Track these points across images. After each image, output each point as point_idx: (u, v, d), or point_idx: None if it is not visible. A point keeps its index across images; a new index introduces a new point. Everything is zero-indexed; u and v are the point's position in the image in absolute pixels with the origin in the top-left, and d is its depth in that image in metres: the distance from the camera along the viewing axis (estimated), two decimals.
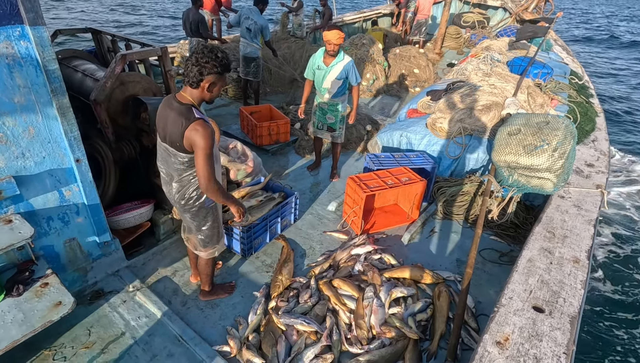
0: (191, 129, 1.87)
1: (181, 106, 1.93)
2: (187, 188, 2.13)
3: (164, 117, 2.00)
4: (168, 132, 1.97)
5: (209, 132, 1.89)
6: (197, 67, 1.86)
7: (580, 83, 5.90)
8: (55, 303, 2.04)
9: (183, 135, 1.89)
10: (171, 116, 1.94)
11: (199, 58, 1.85)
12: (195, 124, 1.87)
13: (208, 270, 2.58)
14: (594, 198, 3.23)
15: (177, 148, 1.98)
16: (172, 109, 1.95)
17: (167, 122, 1.97)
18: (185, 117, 1.89)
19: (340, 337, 2.41)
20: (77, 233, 2.53)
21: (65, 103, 2.11)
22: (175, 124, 1.91)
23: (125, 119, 3.30)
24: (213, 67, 1.88)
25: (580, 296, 2.19)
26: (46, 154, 2.17)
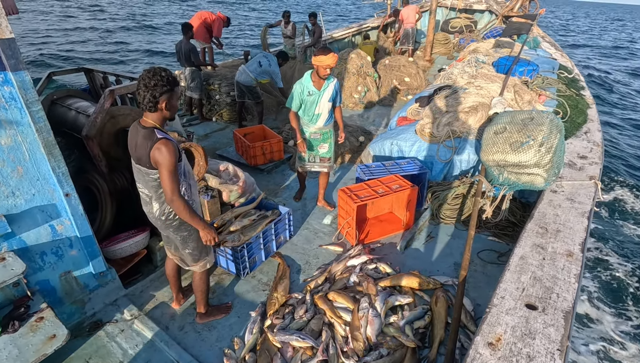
0: (155, 149, 1.99)
1: (145, 130, 2.06)
2: (165, 204, 2.21)
3: (133, 142, 2.14)
4: (137, 154, 2.11)
5: (171, 149, 2.00)
6: (149, 91, 1.96)
7: (570, 77, 5.91)
8: (49, 337, 2.08)
9: (149, 156, 2.03)
10: (139, 140, 2.08)
11: (147, 83, 1.96)
12: (158, 144, 1.99)
13: (203, 285, 2.59)
14: (588, 190, 3.20)
15: (147, 168, 2.10)
16: (138, 133, 2.09)
17: (136, 146, 2.11)
18: (149, 139, 2.02)
19: (336, 351, 2.39)
20: (72, 266, 2.58)
21: (50, 141, 2.20)
22: (143, 147, 2.05)
23: (118, 151, 3.40)
24: (162, 86, 1.98)
25: (574, 290, 2.14)
26: (36, 191, 2.25)
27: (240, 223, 3.25)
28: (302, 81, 3.54)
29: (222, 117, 6.96)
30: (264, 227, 3.25)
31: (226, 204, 3.70)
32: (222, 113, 6.97)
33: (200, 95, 6.81)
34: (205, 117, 7.09)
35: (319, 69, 3.40)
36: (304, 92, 3.53)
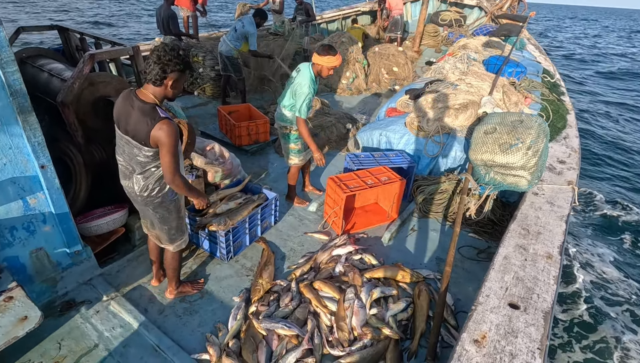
0: (157, 128, 1.93)
1: (145, 105, 1.97)
2: (150, 179, 2.15)
3: (124, 113, 2.02)
4: (131, 128, 2.00)
5: (173, 131, 1.97)
6: (160, 65, 1.90)
7: (552, 81, 6.09)
8: (20, 318, 1.94)
9: (149, 134, 1.95)
10: (134, 114, 1.98)
11: (160, 56, 1.90)
12: (161, 124, 1.94)
13: (175, 263, 2.58)
14: (566, 194, 3.34)
15: (142, 144, 2.01)
16: (134, 107, 1.98)
17: (129, 119, 2.00)
18: (150, 117, 1.95)
19: (321, 340, 2.40)
20: (45, 243, 2.41)
21: (26, 107, 2.00)
22: (140, 123, 1.95)
23: (96, 121, 3.17)
24: (176, 64, 1.93)
25: (553, 292, 2.25)
26: (7, 161, 2.05)
27: (226, 206, 3.15)
28: (310, 82, 3.19)
29: (205, 92, 6.67)
30: (251, 212, 3.17)
31: (211, 185, 3.58)
32: (204, 87, 6.67)
33: None
34: (186, 90, 6.77)
35: (322, 69, 3.17)
36: (313, 90, 3.25)
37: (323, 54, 3.11)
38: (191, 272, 2.99)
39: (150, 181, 2.15)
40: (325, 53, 3.10)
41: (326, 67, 3.16)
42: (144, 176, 2.14)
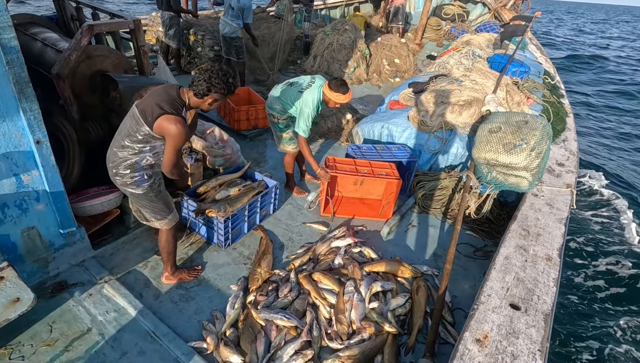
0: (172, 121, 2.03)
1: (177, 98, 2.11)
2: (127, 158, 2.19)
3: (156, 92, 2.14)
4: (149, 103, 2.08)
5: (185, 133, 2.09)
6: (208, 83, 2.07)
7: (553, 83, 6.11)
8: (12, 300, 1.86)
9: (160, 118, 2.04)
10: (162, 94, 2.10)
11: (212, 77, 2.07)
12: (177, 119, 2.05)
13: (168, 246, 2.53)
14: (565, 197, 3.37)
15: (145, 120, 2.07)
16: (167, 91, 2.12)
17: (153, 96, 2.11)
18: (173, 108, 2.08)
19: (320, 332, 2.39)
20: (37, 222, 2.31)
21: (23, 77, 1.88)
22: (160, 104, 2.05)
23: (92, 97, 3.04)
24: (221, 88, 2.11)
25: (553, 294, 2.27)
26: (1, 135, 1.93)
27: (226, 192, 3.08)
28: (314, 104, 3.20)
29: None
30: (251, 199, 3.10)
31: (209, 169, 3.49)
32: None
33: (178, 44, 6.25)
34: (183, 69, 6.56)
35: (330, 101, 3.21)
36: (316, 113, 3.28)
37: (334, 90, 3.14)
38: (187, 258, 2.92)
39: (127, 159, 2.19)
40: (336, 90, 3.13)
41: (333, 101, 3.19)
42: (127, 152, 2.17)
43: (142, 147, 2.16)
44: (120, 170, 2.22)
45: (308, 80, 3.34)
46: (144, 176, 2.25)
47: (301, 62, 7.86)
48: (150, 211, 2.38)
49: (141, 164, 2.22)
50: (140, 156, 2.20)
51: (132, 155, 2.19)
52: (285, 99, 3.31)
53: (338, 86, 3.13)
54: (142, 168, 2.24)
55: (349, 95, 3.19)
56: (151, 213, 2.38)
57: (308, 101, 3.19)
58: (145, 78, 3.08)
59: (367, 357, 2.30)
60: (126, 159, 2.19)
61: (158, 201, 2.35)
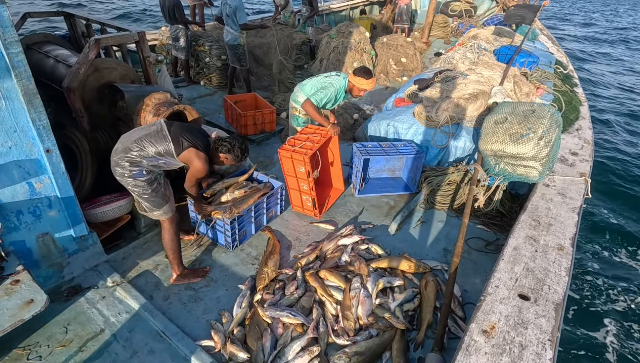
0: (200, 157, 2.50)
1: (209, 143, 2.65)
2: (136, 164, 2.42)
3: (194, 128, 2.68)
4: (186, 132, 2.51)
5: (206, 168, 2.57)
6: (224, 146, 2.63)
7: (565, 72, 5.95)
8: (26, 301, 1.95)
9: (190, 149, 2.47)
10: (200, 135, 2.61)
11: (232, 143, 2.65)
12: (203, 156, 2.52)
13: (171, 244, 2.64)
14: (578, 186, 3.26)
15: (175, 143, 2.43)
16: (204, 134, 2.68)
17: (192, 130, 2.59)
18: (203, 144, 2.57)
19: (327, 329, 2.38)
20: (51, 227, 2.41)
21: (31, 89, 1.98)
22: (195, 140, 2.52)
23: (101, 108, 3.16)
24: (233, 154, 2.66)
25: (564, 284, 2.20)
26: (12, 144, 2.04)
27: (232, 194, 3.13)
28: (337, 89, 3.34)
29: (211, 82, 6.63)
30: (256, 200, 3.14)
31: (215, 174, 3.55)
32: (211, 77, 6.63)
33: (187, 56, 6.42)
34: (192, 80, 6.73)
35: (354, 88, 3.28)
36: (334, 100, 3.40)
37: (357, 75, 3.22)
38: (196, 259, 2.98)
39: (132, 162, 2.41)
40: (359, 74, 3.21)
41: (357, 87, 3.27)
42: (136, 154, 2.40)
43: (157, 156, 2.44)
44: (122, 162, 2.40)
45: (335, 73, 3.48)
46: (142, 171, 2.45)
47: (308, 66, 7.93)
48: (146, 202, 2.54)
49: (144, 164, 2.42)
50: (149, 159, 2.43)
51: (141, 157, 2.41)
52: (307, 89, 3.43)
53: (361, 72, 3.20)
54: (144, 167, 2.43)
55: (372, 82, 3.23)
56: (147, 203, 2.55)
57: (334, 83, 3.32)
58: (151, 87, 3.19)
59: (374, 353, 2.28)
60: (134, 156, 2.39)
61: (153, 195, 2.52)
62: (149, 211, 2.61)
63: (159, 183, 2.56)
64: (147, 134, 2.45)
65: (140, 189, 2.48)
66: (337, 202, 3.83)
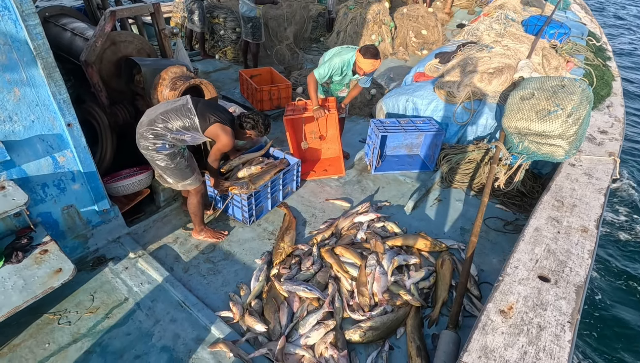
0: (226, 132, 2.58)
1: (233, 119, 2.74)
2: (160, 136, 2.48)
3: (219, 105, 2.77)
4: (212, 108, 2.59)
5: (232, 144, 2.66)
6: (249, 122, 2.72)
7: (598, 45, 5.59)
8: (55, 270, 2.03)
9: (216, 125, 2.54)
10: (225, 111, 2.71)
11: (255, 118, 2.74)
12: (229, 131, 2.60)
13: (193, 209, 2.81)
14: (606, 166, 3.12)
15: (201, 118, 2.51)
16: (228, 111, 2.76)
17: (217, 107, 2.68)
18: (228, 120, 2.65)
19: (342, 304, 2.42)
20: (75, 200, 2.48)
21: (50, 63, 1.98)
22: (221, 115, 2.60)
23: (119, 82, 3.16)
24: (257, 129, 2.75)
25: (587, 266, 2.14)
26: (35, 118, 2.07)
27: (249, 170, 3.13)
28: (344, 60, 3.25)
29: (226, 56, 6.54)
30: (273, 176, 3.14)
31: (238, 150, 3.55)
32: (225, 51, 6.53)
33: (202, 28, 6.31)
34: (207, 53, 6.65)
35: (358, 67, 3.19)
36: (339, 71, 3.31)
37: (361, 53, 3.09)
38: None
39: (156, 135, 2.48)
40: (362, 54, 3.09)
41: (359, 67, 3.16)
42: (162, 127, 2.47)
43: (183, 131, 2.50)
44: (147, 134, 2.47)
45: (353, 46, 3.38)
46: (165, 145, 2.51)
47: (324, 39, 7.71)
48: (172, 174, 2.63)
49: (168, 137, 2.49)
50: (174, 133, 2.50)
51: (166, 130, 2.48)
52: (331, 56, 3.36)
53: (364, 51, 3.08)
54: (168, 141, 2.49)
55: (373, 63, 3.09)
56: (172, 175, 2.64)
57: (343, 55, 3.25)
58: (167, 60, 3.16)
59: (389, 329, 2.31)
60: (158, 129, 2.46)
61: (177, 168, 2.60)
62: (174, 184, 2.69)
63: (182, 156, 2.62)
64: (173, 108, 2.51)
65: (164, 162, 2.55)
66: (352, 179, 3.80)
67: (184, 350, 2.17)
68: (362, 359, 2.19)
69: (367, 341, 2.25)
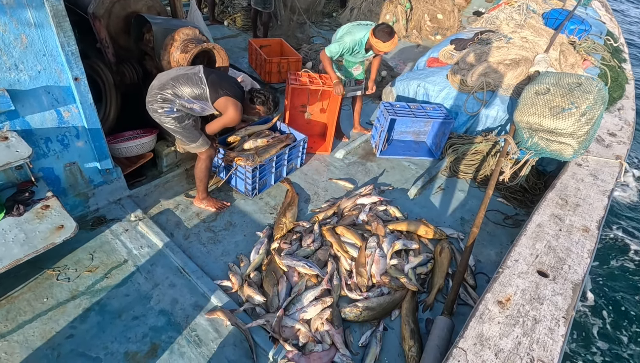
0: (235, 106, 2.51)
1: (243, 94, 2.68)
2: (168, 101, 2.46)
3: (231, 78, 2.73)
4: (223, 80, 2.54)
5: (240, 116, 2.57)
6: (259, 98, 2.68)
7: (615, 45, 5.49)
8: (57, 226, 2.01)
9: (226, 98, 2.48)
10: (236, 85, 2.64)
11: (265, 95, 2.69)
12: (238, 104, 2.53)
13: (199, 174, 2.79)
14: (612, 169, 3.13)
15: (212, 89, 2.46)
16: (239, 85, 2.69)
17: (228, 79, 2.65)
18: (239, 95, 2.59)
19: (340, 282, 2.45)
20: (78, 158, 2.43)
21: (60, 10, 1.89)
22: (230, 88, 2.54)
23: (127, 40, 3.04)
24: (267, 106, 2.72)
25: (585, 265, 2.18)
26: (41, 69, 1.99)
27: (255, 142, 3.09)
28: (356, 39, 3.16)
29: (235, 23, 6.33)
30: (279, 151, 3.10)
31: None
32: (235, 18, 6.32)
33: None
34: (216, 19, 6.43)
35: (372, 47, 3.11)
36: (350, 50, 3.25)
37: (375, 35, 3.02)
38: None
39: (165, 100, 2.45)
40: (376, 35, 3.01)
41: (377, 49, 3.09)
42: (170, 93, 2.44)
43: (192, 99, 2.46)
44: (156, 98, 2.46)
45: (366, 22, 3.29)
46: (173, 109, 2.49)
47: (337, 15, 7.48)
48: (181, 137, 2.62)
49: (176, 103, 2.44)
50: (182, 100, 2.46)
51: (175, 96, 2.45)
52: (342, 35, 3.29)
53: (379, 32, 3.00)
54: (175, 105, 2.45)
55: (388, 45, 3.03)
56: (182, 138, 2.63)
57: (354, 33, 3.17)
58: (179, 21, 3.04)
59: (384, 310, 2.35)
60: (167, 94, 2.44)
61: (186, 131, 2.58)
62: (184, 145, 2.70)
63: (189, 119, 2.58)
64: (184, 75, 2.47)
65: (171, 125, 2.54)
66: (357, 160, 3.77)
67: (182, 315, 2.19)
68: (356, 337, 2.23)
69: (362, 320, 2.29)
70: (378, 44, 3.04)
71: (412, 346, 2.16)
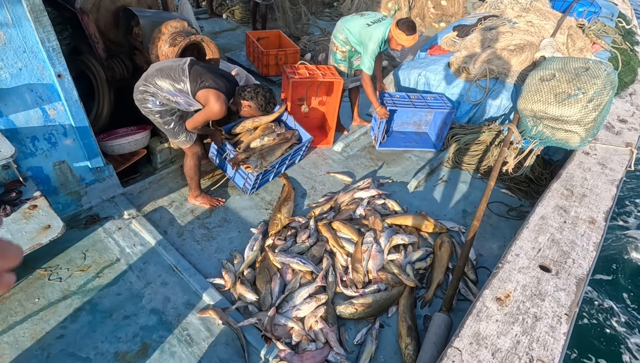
0: (219, 99, 2.34)
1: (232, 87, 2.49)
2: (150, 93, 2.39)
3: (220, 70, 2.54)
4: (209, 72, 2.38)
5: (223, 110, 2.39)
6: (250, 93, 2.50)
7: (627, 28, 5.25)
8: (44, 226, 1.98)
9: (209, 89, 2.33)
10: (225, 79, 2.45)
11: (256, 90, 2.52)
12: (222, 97, 2.36)
13: (190, 172, 2.74)
14: (622, 157, 2.99)
15: (186, 79, 2.32)
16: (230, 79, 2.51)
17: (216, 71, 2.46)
18: (226, 88, 2.41)
19: (335, 279, 2.38)
20: (67, 156, 2.40)
21: (37, 5, 1.83)
22: (217, 81, 2.37)
23: (117, 34, 2.99)
24: (257, 103, 2.53)
25: (591, 259, 2.07)
26: (22, 66, 1.94)
27: (261, 141, 2.99)
28: (379, 41, 3.10)
29: (234, 16, 6.24)
30: (284, 152, 3.01)
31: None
32: (234, 10, 6.23)
33: None
34: (214, 12, 6.35)
35: (392, 41, 3.05)
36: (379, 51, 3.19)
37: (399, 27, 2.97)
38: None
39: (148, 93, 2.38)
40: (401, 28, 2.96)
41: (396, 41, 3.03)
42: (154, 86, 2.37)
43: (174, 92, 2.36)
44: (140, 88, 2.41)
45: (380, 16, 3.24)
46: (156, 102, 2.42)
47: (338, 4, 7.33)
48: (163, 131, 2.56)
49: (159, 95, 2.39)
50: (165, 92, 2.37)
51: (157, 88, 2.36)
52: (351, 28, 3.23)
53: (403, 26, 2.97)
54: (158, 98, 2.39)
55: (412, 38, 3.01)
56: (164, 132, 2.58)
57: (374, 36, 3.09)
58: (168, 14, 2.96)
59: (381, 307, 2.29)
60: (150, 86, 2.36)
61: (168, 125, 2.51)
62: (172, 139, 2.65)
63: (173, 114, 2.51)
64: (169, 66, 2.38)
65: (154, 118, 2.49)
66: (356, 153, 3.69)
67: (174, 314, 2.16)
68: (351, 335, 2.17)
69: (357, 318, 2.23)
70: (400, 36, 2.98)
71: (409, 344, 2.09)
